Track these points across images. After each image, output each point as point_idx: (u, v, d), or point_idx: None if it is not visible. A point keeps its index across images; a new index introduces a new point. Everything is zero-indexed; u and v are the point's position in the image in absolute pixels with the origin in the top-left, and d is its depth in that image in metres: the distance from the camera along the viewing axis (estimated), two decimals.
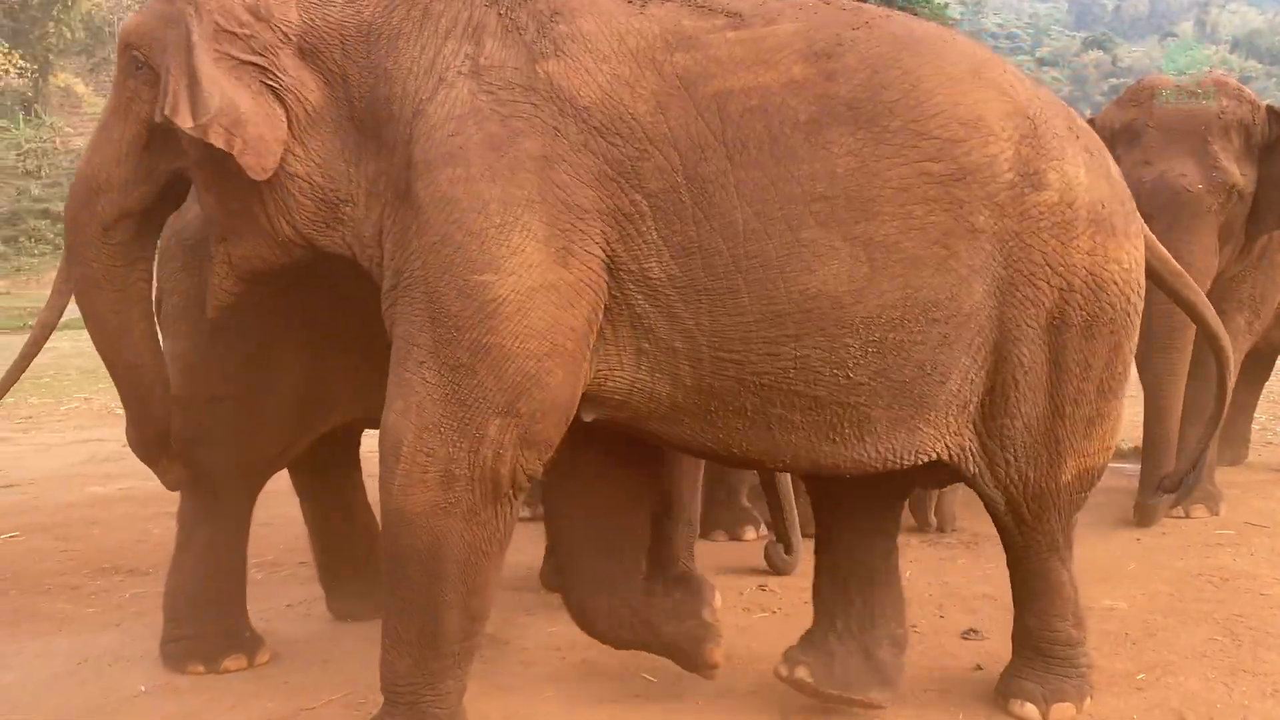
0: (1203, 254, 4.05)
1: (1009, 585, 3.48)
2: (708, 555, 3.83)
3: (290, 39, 2.25)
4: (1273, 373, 5.73)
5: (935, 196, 2.12)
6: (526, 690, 2.69)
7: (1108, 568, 3.69)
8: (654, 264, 2.12)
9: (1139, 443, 5.38)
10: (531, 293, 2.05)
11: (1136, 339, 2.39)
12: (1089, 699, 2.54)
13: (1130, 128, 4.24)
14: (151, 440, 2.71)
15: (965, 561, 3.85)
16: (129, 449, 2.79)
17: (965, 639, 3.03)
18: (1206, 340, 2.73)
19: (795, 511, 3.66)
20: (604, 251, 2.11)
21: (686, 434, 2.29)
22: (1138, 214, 2.43)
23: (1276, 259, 4.48)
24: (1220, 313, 4.32)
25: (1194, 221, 4.04)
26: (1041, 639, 2.52)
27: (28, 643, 3.10)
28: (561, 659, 2.91)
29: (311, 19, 2.26)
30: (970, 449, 2.32)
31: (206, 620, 2.84)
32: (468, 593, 2.17)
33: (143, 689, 2.74)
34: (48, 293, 2.70)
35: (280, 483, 3.10)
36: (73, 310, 2.66)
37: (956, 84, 2.17)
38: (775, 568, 3.69)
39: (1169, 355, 4.13)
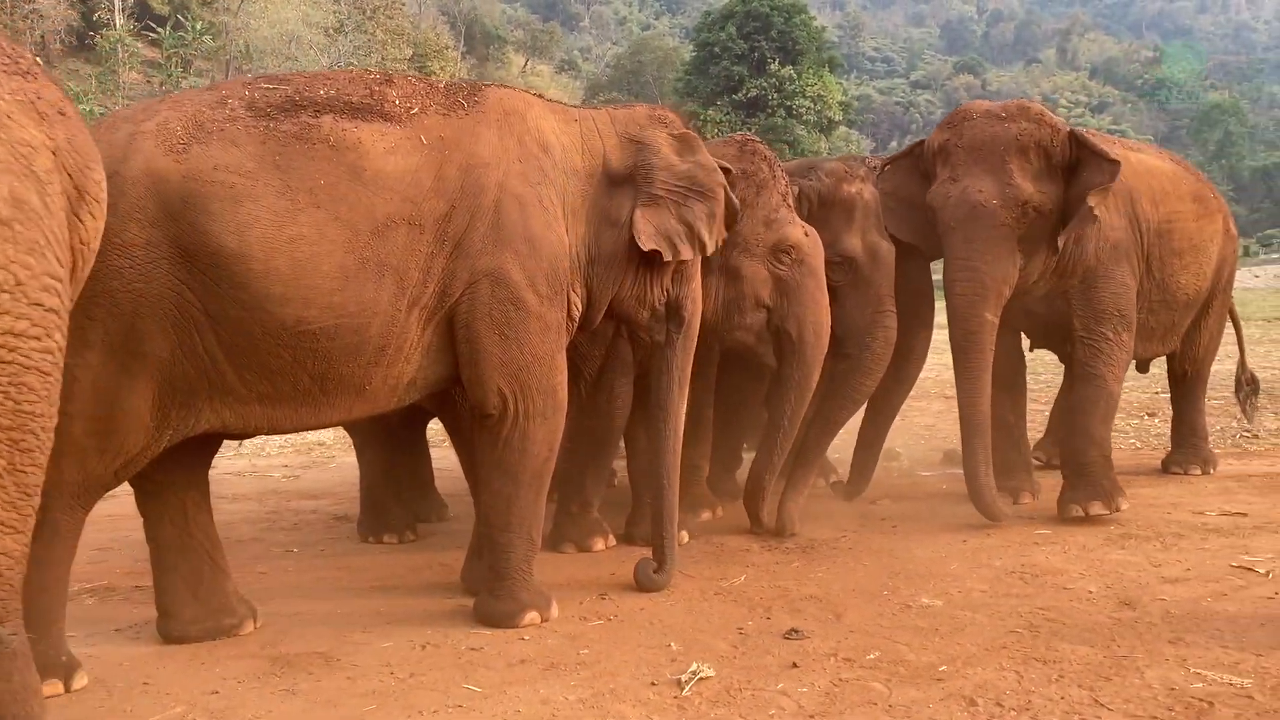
0: (996, 263, 4.39)
1: (836, 588, 3.67)
2: (554, 567, 3.91)
3: None
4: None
5: None
6: (349, 704, 2.71)
7: (931, 567, 3.90)
8: None
9: (957, 446, 5.70)
10: None
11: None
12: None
13: (944, 148, 4.60)
14: None
15: (799, 565, 3.99)
16: None
17: (787, 639, 3.16)
18: None
19: (675, 528, 3.69)
20: None
21: None
22: None
23: (1098, 283, 4.79)
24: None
25: (989, 233, 4.37)
26: None
27: None
28: (390, 674, 2.92)
29: None
30: None
31: None
32: None
33: None
34: None
35: (127, 505, 3.04)
36: None
37: None
38: (642, 584, 3.66)
39: (969, 358, 4.43)
